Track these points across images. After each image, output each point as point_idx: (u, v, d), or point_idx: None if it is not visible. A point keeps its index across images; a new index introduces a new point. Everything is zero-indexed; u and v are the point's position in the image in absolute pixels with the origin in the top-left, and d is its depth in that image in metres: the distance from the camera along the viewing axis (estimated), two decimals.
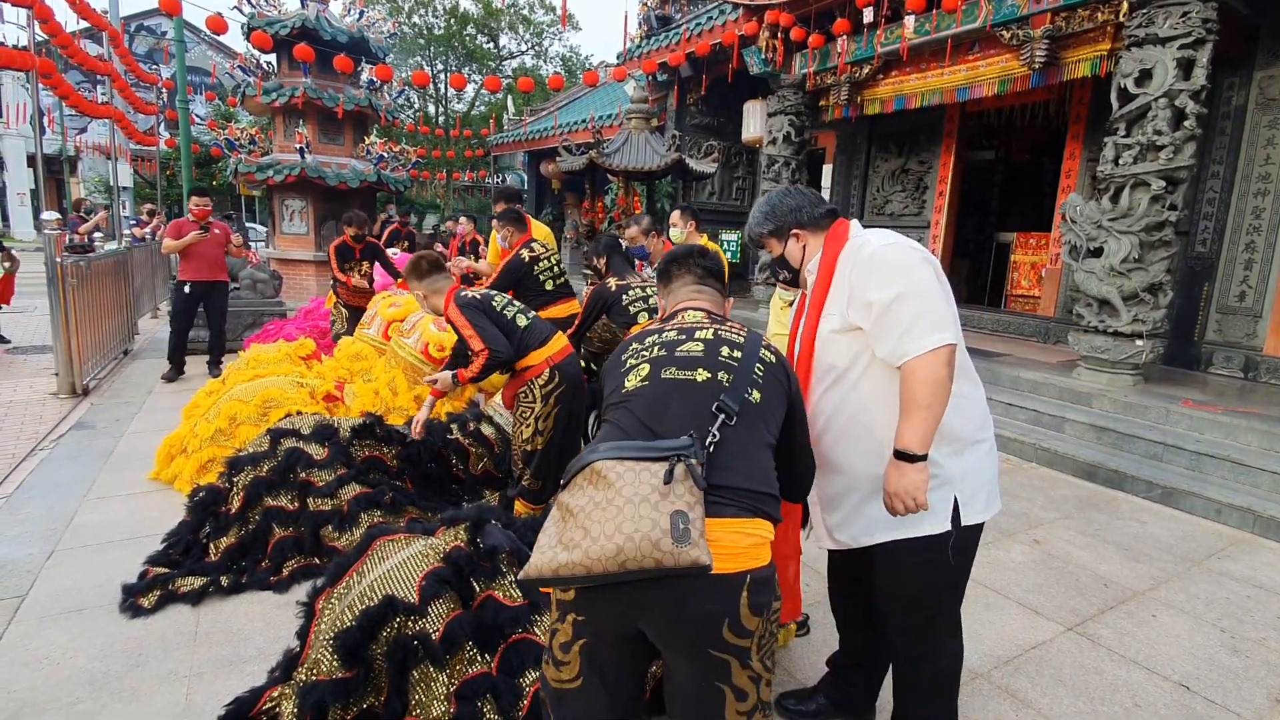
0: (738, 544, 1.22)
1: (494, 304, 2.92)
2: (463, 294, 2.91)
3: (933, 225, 8.44)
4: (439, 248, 8.18)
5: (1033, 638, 2.63)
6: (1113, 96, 5.02)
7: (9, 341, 7.29)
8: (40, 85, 6.11)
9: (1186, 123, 4.68)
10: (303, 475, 2.98)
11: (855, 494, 1.70)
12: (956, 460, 1.64)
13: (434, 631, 1.83)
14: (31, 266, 9.07)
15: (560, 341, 2.99)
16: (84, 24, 7.43)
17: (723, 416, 1.29)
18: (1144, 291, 4.89)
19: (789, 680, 2.28)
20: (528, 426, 2.90)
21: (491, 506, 2.92)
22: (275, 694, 1.89)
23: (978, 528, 1.70)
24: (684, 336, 1.45)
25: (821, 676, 2.16)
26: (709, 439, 1.26)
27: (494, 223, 4.95)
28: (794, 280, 1.88)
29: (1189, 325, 5.97)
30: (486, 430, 3.60)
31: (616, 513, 1.14)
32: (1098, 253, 5.09)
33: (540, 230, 5.02)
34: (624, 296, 3.37)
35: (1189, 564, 3.34)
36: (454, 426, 3.57)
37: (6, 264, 7.71)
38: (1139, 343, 4.98)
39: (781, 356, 1.50)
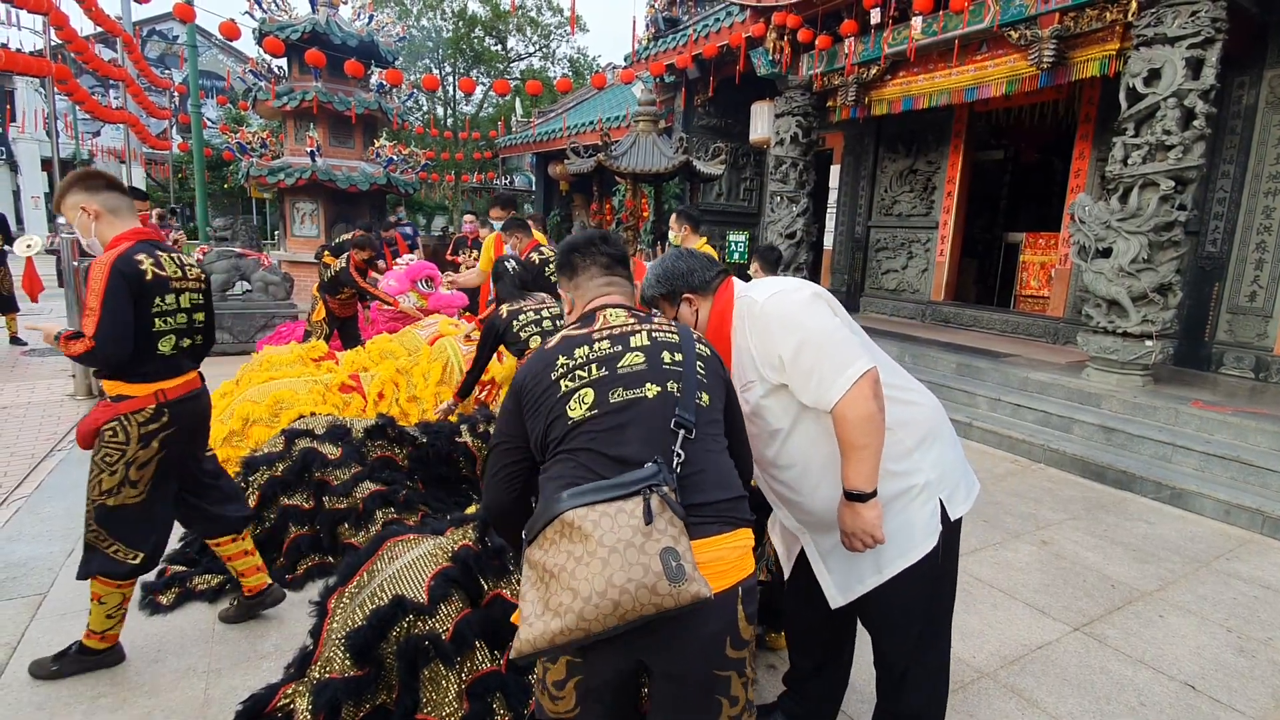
0: (726, 559, 1.21)
1: None
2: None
3: (941, 225, 8.42)
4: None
5: (1039, 637, 2.64)
6: (1121, 96, 5.00)
7: (26, 344, 7.41)
8: (55, 90, 6.21)
9: (1196, 122, 4.66)
10: (318, 474, 3.03)
11: (831, 548, 1.69)
12: (926, 457, 1.63)
13: (443, 631, 1.86)
14: (42, 269, 9.18)
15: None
16: (97, 29, 7.54)
17: (683, 432, 1.22)
18: (1153, 292, 4.87)
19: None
20: (113, 474, 2.15)
21: None
22: (290, 691, 1.93)
23: (956, 527, 1.69)
24: (620, 348, 1.30)
25: (780, 694, 2.09)
26: (675, 460, 1.20)
27: (487, 229, 5.00)
28: None
29: (1199, 326, 5.94)
30: None
31: (602, 565, 1.06)
32: (1107, 253, 5.08)
33: (538, 235, 5.11)
34: (514, 322, 3.30)
35: (1197, 565, 3.33)
36: (464, 429, 3.61)
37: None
38: (1148, 343, 4.96)
39: (710, 345, 1.45)
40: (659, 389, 1.26)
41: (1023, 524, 3.72)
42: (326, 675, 1.80)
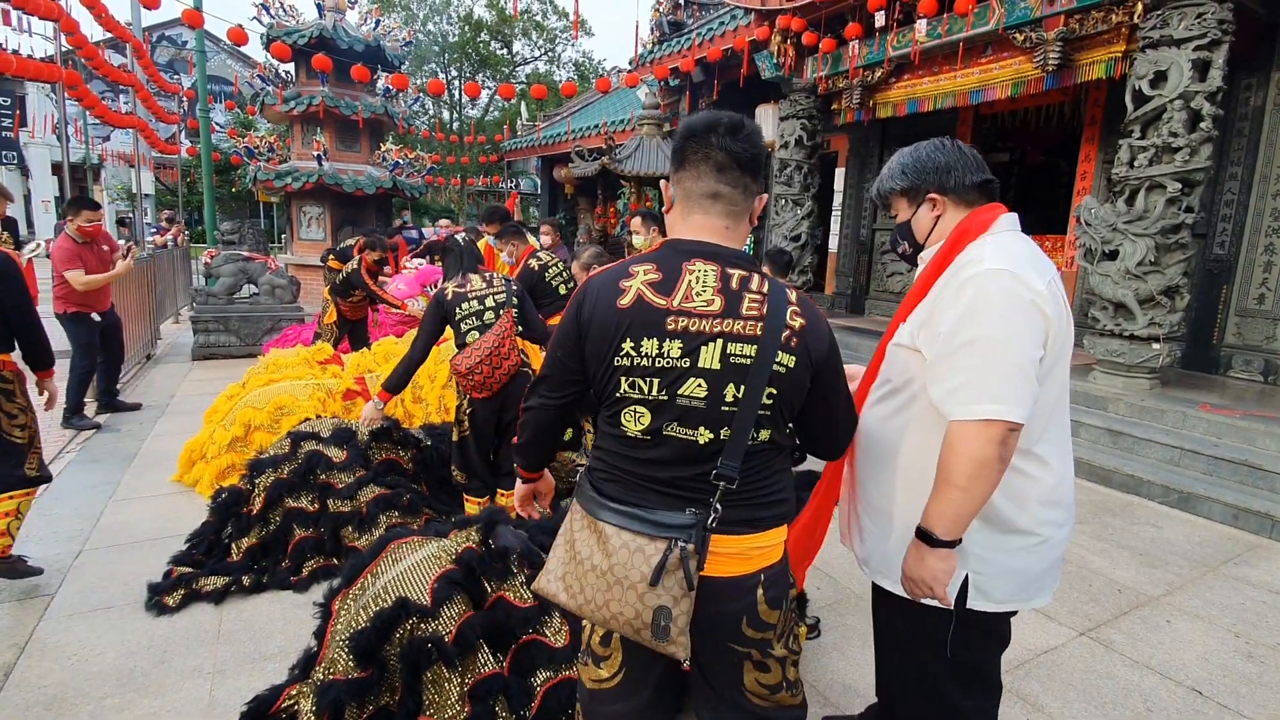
0: (753, 551, 1.22)
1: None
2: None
3: None
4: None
5: (1045, 642, 2.63)
6: (1128, 98, 4.98)
7: None
8: (66, 96, 6.27)
9: (1202, 124, 4.64)
10: (322, 477, 3.05)
11: (875, 526, 1.52)
12: (984, 542, 1.38)
13: (446, 633, 1.87)
14: (41, 273, 9.25)
15: None
16: (107, 35, 7.61)
17: (723, 485, 1.17)
18: (1160, 294, 4.84)
19: (817, 698, 2.21)
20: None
21: (503, 509, 2.96)
22: (294, 692, 1.94)
23: (992, 619, 1.44)
24: (687, 362, 1.15)
25: (868, 707, 1.99)
26: (710, 518, 1.16)
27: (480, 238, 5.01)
28: (913, 258, 1.55)
29: (1207, 328, 5.90)
30: None
31: (607, 589, 1.16)
32: (1113, 255, 5.06)
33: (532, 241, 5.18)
34: (457, 309, 2.89)
35: (1205, 569, 3.31)
36: None
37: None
38: (1155, 346, 4.93)
39: (806, 334, 1.19)
40: (710, 436, 1.17)
41: None
42: (330, 677, 1.81)
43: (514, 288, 3.03)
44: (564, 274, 4.51)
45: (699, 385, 1.15)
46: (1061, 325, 1.33)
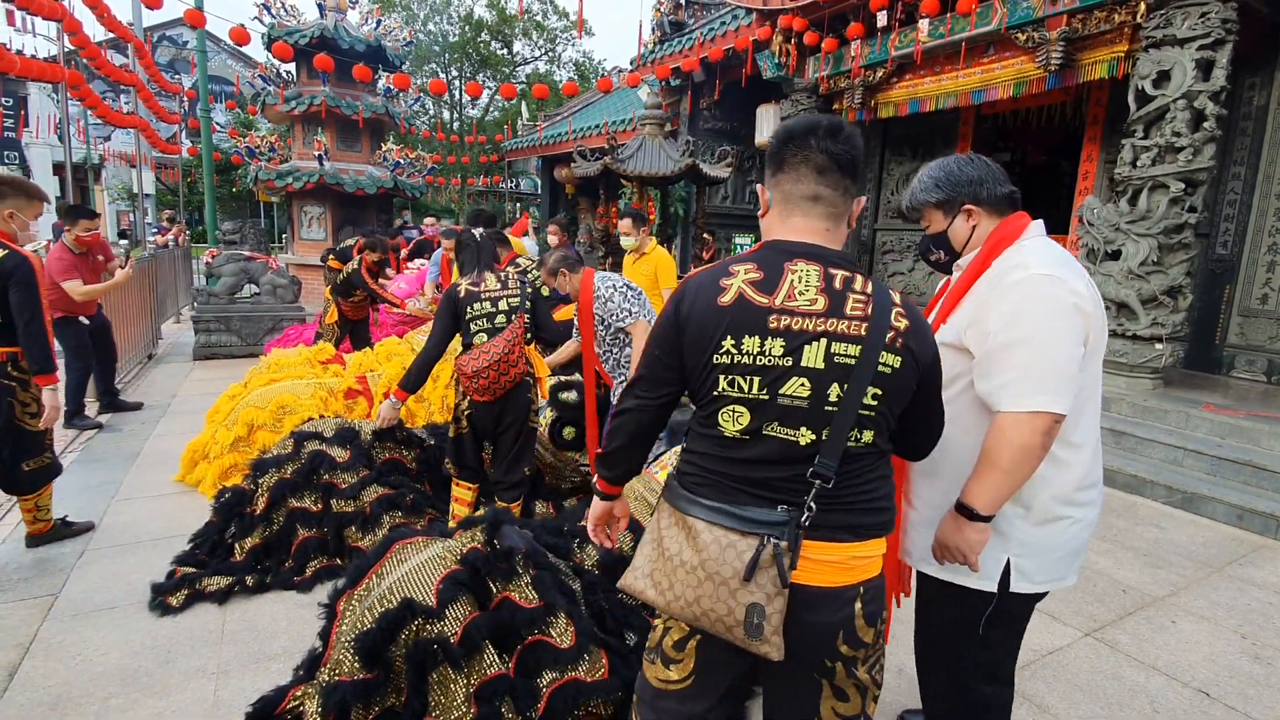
0: (852, 561, 1.19)
1: None
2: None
3: None
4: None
5: (1050, 643, 2.62)
6: (1130, 98, 4.98)
7: None
8: (69, 96, 6.27)
9: (1206, 124, 4.64)
10: (326, 477, 3.04)
11: (922, 516, 1.59)
12: (1026, 527, 1.49)
13: (452, 634, 1.86)
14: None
15: None
16: (109, 35, 7.61)
17: (818, 483, 1.15)
18: (1163, 294, 4.84)
19: (903, 682, 2.22)
20: None
21: (507, 509, 2.95)
22: (299, 693, 1.93)
23: (1029, 599, 1.54)
24: (790, 361, 1.14)
25: None
26: (804, 517, 1.15)
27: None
28: (947, 266, 1.63)
29: (1210, 328, 5.90)
30: None
31: (698, 584, 1.15)
32: (1115, 255, 5.05)
33: (517, 245, 5.18)
34: (469, 309, 2.83)
35: (1209, 570, 3.30)
36: None
37: None
38: (1158, 346, 4.93)
39: (910, 335, 1.18)
40: (812, 436, 1.15)
41: None
42: (336, 678, 1.81)
43: (528, 290, 2.96)
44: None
45: (802, 384, 1.14)
46: (1098, 322, 1.44)
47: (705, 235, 6.05)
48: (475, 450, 2.99)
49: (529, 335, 2.90)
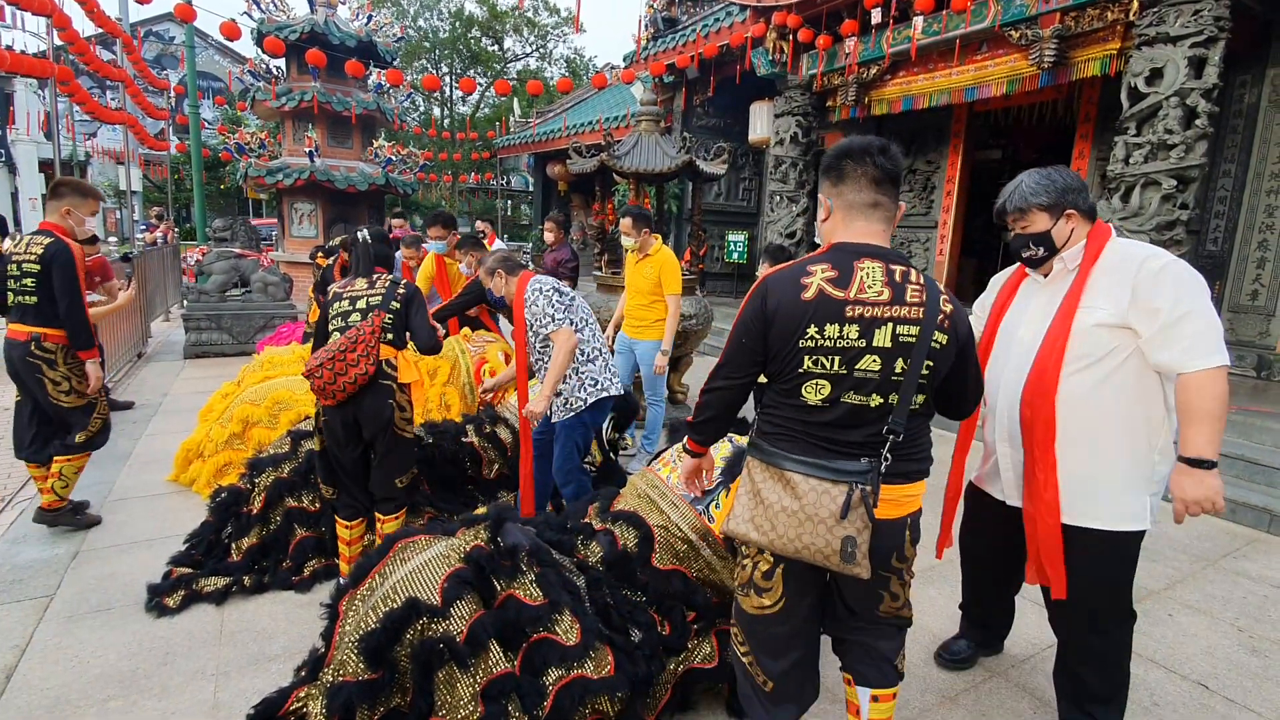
0: (904, 499, 1.54)
1: None
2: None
3: (940, 225, 8.43)
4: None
5: (1049, 636, 2.60)
6: (1123, 95, 5.01)
7: None
8: (57, 91, 6.18)
9: (1198, 121, 4.67)
10: None
11: (1079, 478, 1.82)
12: (1162, 469, 1.81)
13: (458, 633, 1.85)
14: None
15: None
16: (98, 30, 7.51)
17: (893, 437, 1.45)
18: None
19: (931, 639, 2.56)
20: None
21: (510, 505, 2.94)
22: (303, 694, 1.91)
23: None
24: (864, 342, 1.40)
25: (959, 624, 2.49)
26: (883, 463, 1.44)
27: (423, 248, 4.85)
28: (1041, 262, 1.90)
29: None
30: (502, 433, 3.62)
31: (798, 525, 1.43)
32: None
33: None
34: (331, 308, 2.70)
35: (1204, 563, 3.33)
36: (469, 428, 3.60)
37: None
38: None
39: (953, 317, 1.47)
40: (881, 401, 1.44)
41: None
42: (340, 678, 1.79)
43: (399, 292, 2.68)
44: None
45: (874, 360, 1.42)
46: None
47: (700, 232, 6.02)
48: (351, 474, 2.68)
49: (388, 336, 2.61)
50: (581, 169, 5.38)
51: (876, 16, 6.48)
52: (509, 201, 20.65)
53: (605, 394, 2.97)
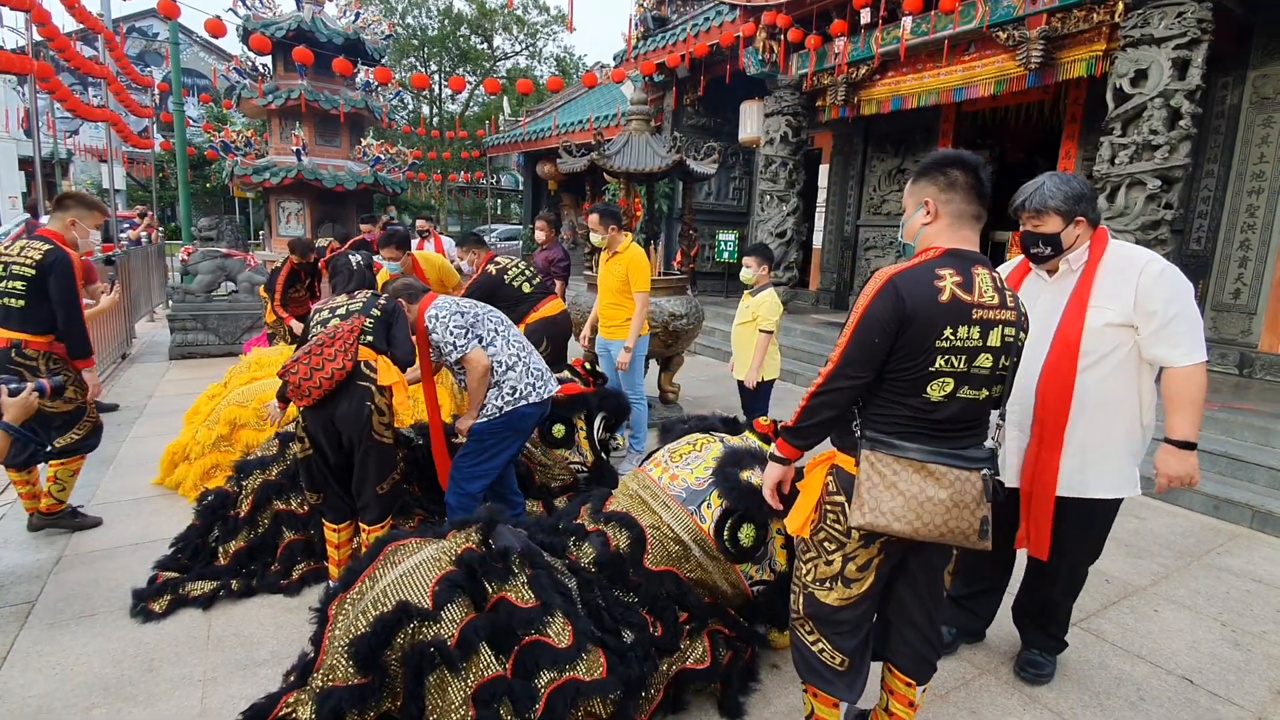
0: None
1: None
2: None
3: None
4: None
5: None
6: (1108, 96, 5.06)
7: None
8: (38, 88, 6.09)
9: (1182, 122, 4.72)
10: None
11: (1079, 457, 2.05)
12: (1140, 444, 2.10)
13: (449, 637, 1.84)
14: None
15: None
16: (79, 26, 7.40)
17: (1003, 425, 1.67)
18: None
19: None
20: None
21: (500, 508, 2.92)
22: (292, 700, 1.89)
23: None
24: (981, 342, 1.52)
25: (951, 612, 2.53)
26: (999, 452, 1.65)
27: (386, 250, 4.73)
28: (1046, 259, 2.11)
29: None
30: None
31: (945, 511, 1.52)
32: None
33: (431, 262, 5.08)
34: (311, 320, 2.74)
35: (1188, 559, 3.38)
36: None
37: None
38: None
39: (1026, 316, 1.66)
40: (988, 394, 1.58)
41: None
42: (330, 683, 1.77)
43: (380, 302, 2.69)
44: (525, 274, 4.46)
45: (987, 358, 1.54)
46: None
47: (691, 232, 6.03)
48: (327, 468, 2.63)
49: (368, 339, 2.58)
50: (571, 168, 5.36)
51: (866, 17, 6.50)
52: (499, 200, 20.56)
53: (524, 402, 2.77)
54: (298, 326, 5.43)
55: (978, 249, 1.63)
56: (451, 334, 2.65)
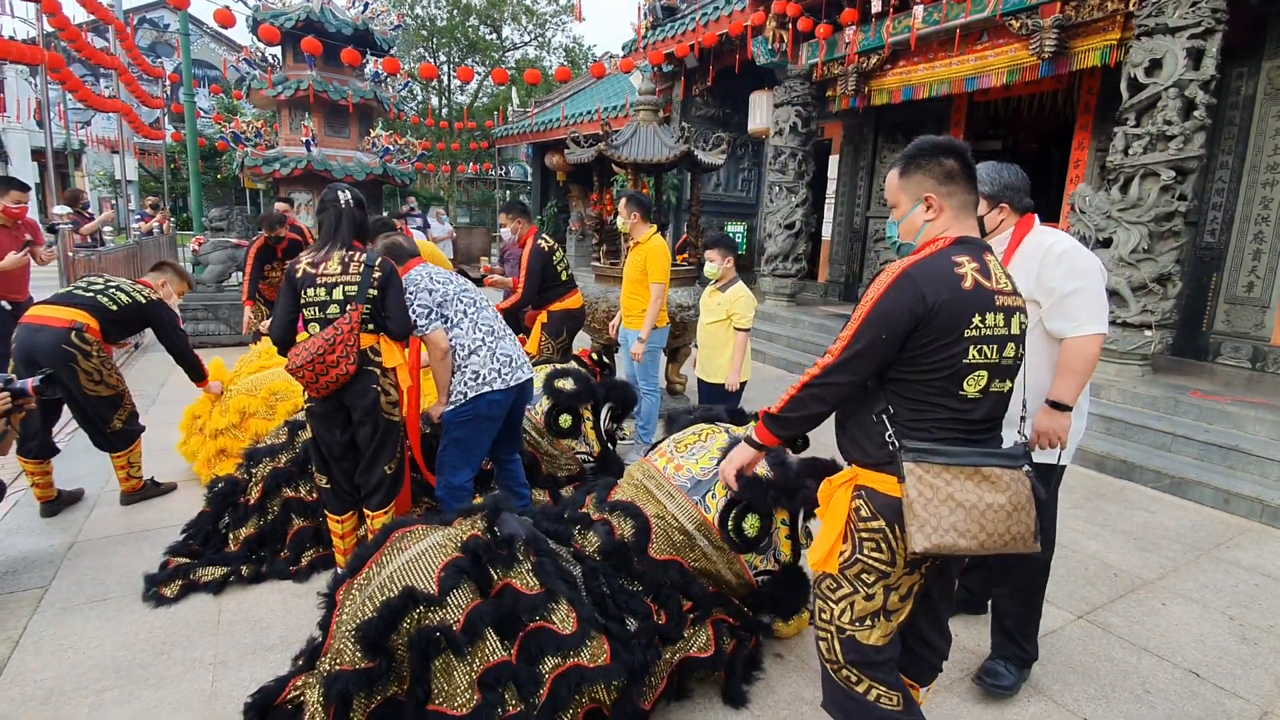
0: None
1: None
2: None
3: None
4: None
5: (1044, 625, 2.62)
6: (1123, 86, 4.99)
7: None
8: (49, 79, 6.13)
9: (1196, 112, 4.66)
10: None
11: (1009, 427, 2.05)
12: (1079, 422, 2.16)
13: (454, 622, 1.85)
14: None
15: None
16: (90, 17, 7.44)
17: (1026, 417, 1.66)
18: (1153, 282, 4.88)
19: None
20: None
21: (507, 496, 2.95)
22: (300, 683, 1.92)
23: (1063, 470, 2.22)
24: (1005, 330, 1.47)
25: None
26: (1028, 442, 1.62)
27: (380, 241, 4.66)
28: None
29: (1197, 316, 5.96)
30: None
31: (1007, 517, 1.43)
32: (1107, 243, 5.08)
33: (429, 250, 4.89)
34: (305, 292, 2.53)
35: (1197, 553, 3.36)
36: None
37: None
38: (1147, 333, 4.97)
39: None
40: (1010, 386, 1.54)
41: None
42: (337, 667, 1.79)
43: (375, 277, 2.54)
44: (565, 261, 4.48)
45: (1012, 347, 1.50)
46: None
47: (698, 223, 6.01)
48: (341, 467, 2.65)
49: (368, 326, 2.55)
50: (579, 159, 5.35)
51: (876, 5, 6.44)
52: (508, 191, 20.55)
53: (489, 388, 2.71)
54: (264, 328, 4.96)
55: (977, 235, 1.57)
56: (414, 311, 2.66)
